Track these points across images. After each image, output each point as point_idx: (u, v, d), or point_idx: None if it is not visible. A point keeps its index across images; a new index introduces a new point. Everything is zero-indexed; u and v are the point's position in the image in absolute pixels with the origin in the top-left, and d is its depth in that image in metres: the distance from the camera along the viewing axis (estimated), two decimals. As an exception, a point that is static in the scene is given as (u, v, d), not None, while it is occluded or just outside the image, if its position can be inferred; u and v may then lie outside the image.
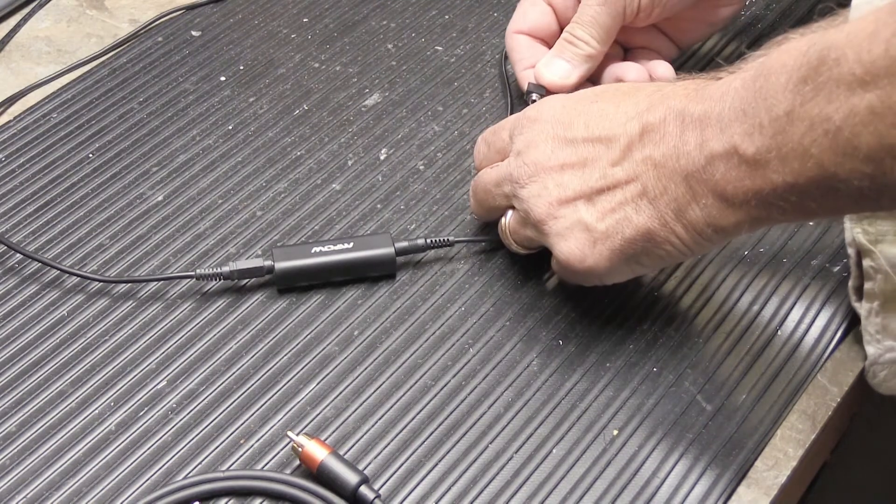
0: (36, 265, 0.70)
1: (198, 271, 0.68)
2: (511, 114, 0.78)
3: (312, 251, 0.69)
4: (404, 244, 0.70)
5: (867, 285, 0.64)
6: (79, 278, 0.69)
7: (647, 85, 0.64)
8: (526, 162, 0.64)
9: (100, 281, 0.69)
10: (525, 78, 0.77)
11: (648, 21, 0.76)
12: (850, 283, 0.67)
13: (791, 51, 0.52)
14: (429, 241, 0.70)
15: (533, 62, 0.77)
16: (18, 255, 0.70)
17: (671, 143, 0.58)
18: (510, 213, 0.67)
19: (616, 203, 0.60)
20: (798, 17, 0.88)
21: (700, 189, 0.57)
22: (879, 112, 0.47)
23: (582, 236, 0.61)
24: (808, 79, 0.50)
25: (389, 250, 0.69)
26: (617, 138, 0.60)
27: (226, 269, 0.68)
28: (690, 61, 0.84)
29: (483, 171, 0.69)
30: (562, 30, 0.77)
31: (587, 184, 0.61)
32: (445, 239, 0.70)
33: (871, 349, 0.65)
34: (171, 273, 0.69)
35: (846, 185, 0.50)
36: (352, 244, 0.69)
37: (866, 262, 0.64)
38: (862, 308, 0.65)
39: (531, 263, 0.70)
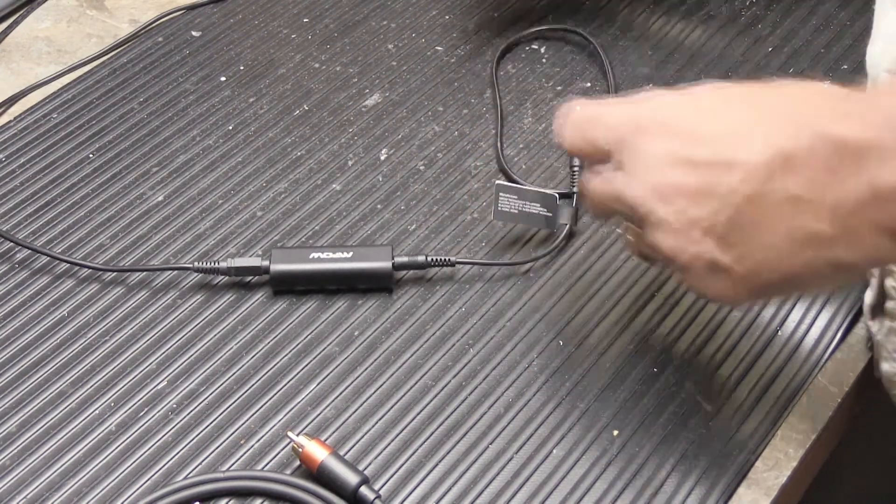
0: (36, 263, 0.70)
1: (196, 264, 0.68)
2: (499, 116, 0.78)
3: (310, 256, 0.68)
4: (404, 259, 0.68)
5: (889, 304, 0.63)
6: (76, 277, 0.69)
7: (777, 91, 0.54)
8: (643, 185, 0.54)
9: (91, 268, 0.69)
10: None
11: None
12: (868, 302, 0.65)
13: None
14: (430, 259, 0.68)
15: None
16: (20, 252, 0.70)
17: (820, 177, 0.49)
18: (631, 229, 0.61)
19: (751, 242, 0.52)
20: (798, 17, 0.88)
21: (859, 225, 0.49)
22: None
23: (720, 278, 0.53)
24: None
25: (387, 264, 0.68)
26: (749, 164, 0.51)
27: (223, 264, 0.68)
28: (705, 65, 0.84)
29: (596, 183, 0.58)
30: None
31: (717, 218, 0.52)
32: (447, 259, 0.69)
33: (886, 366, 0.64)
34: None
35: None
36: (351, 254, 0.68)
37: (889, 282, 0.63)
38: (880, 326, 0.64)
39: (531, 264, 0.70)
